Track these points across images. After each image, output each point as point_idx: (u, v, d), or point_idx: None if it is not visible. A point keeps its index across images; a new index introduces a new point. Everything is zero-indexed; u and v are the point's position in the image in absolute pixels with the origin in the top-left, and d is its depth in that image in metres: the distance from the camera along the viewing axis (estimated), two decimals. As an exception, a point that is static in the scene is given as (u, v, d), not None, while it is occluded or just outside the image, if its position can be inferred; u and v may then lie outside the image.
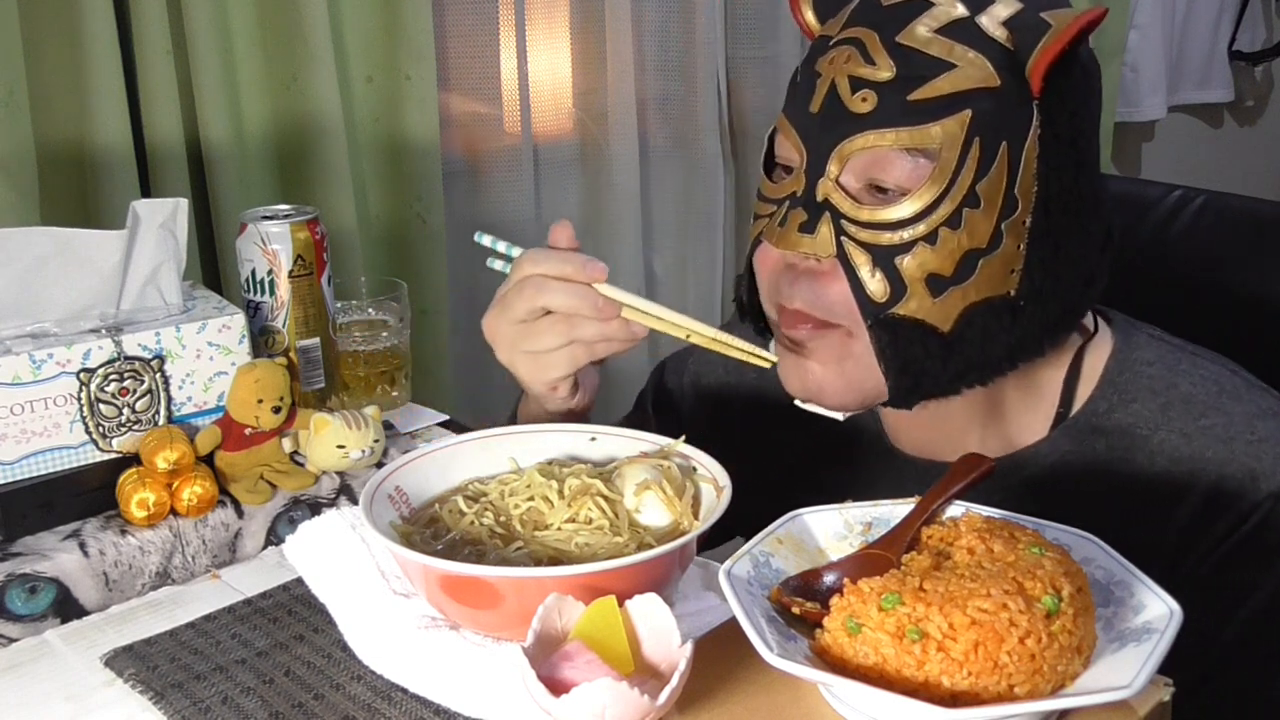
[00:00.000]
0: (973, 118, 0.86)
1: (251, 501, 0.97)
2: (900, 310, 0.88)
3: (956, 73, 0.86)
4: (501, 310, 0.94)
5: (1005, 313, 0.89)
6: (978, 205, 0.86)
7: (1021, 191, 0.87)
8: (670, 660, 0.66)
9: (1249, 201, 1.28)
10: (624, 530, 0.80)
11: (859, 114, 0.87)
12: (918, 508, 0.76)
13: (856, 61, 0.88)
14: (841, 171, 0.88)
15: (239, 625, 0.85)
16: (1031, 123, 0.86)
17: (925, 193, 0.86)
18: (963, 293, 0.87)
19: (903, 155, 0.86)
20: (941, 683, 0.61)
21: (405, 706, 0.75)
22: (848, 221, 0.88)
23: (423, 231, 1.71)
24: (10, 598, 0.86)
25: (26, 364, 0.92)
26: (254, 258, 1.07)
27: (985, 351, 0.90)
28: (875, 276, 0.87)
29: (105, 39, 1.40)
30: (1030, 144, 0.86)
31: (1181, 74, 2.84)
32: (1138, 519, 0.91)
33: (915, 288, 0.87)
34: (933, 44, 0.86)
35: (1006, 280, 0.88)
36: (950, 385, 0.91)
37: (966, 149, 0.86)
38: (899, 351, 0.89)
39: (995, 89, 0.86)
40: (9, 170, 1.35)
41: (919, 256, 0.87)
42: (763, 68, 2.09)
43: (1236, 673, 0.91)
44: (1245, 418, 0.92)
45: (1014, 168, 0.86)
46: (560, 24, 1.97)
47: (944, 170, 0.86)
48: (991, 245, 0.87)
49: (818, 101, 0.90)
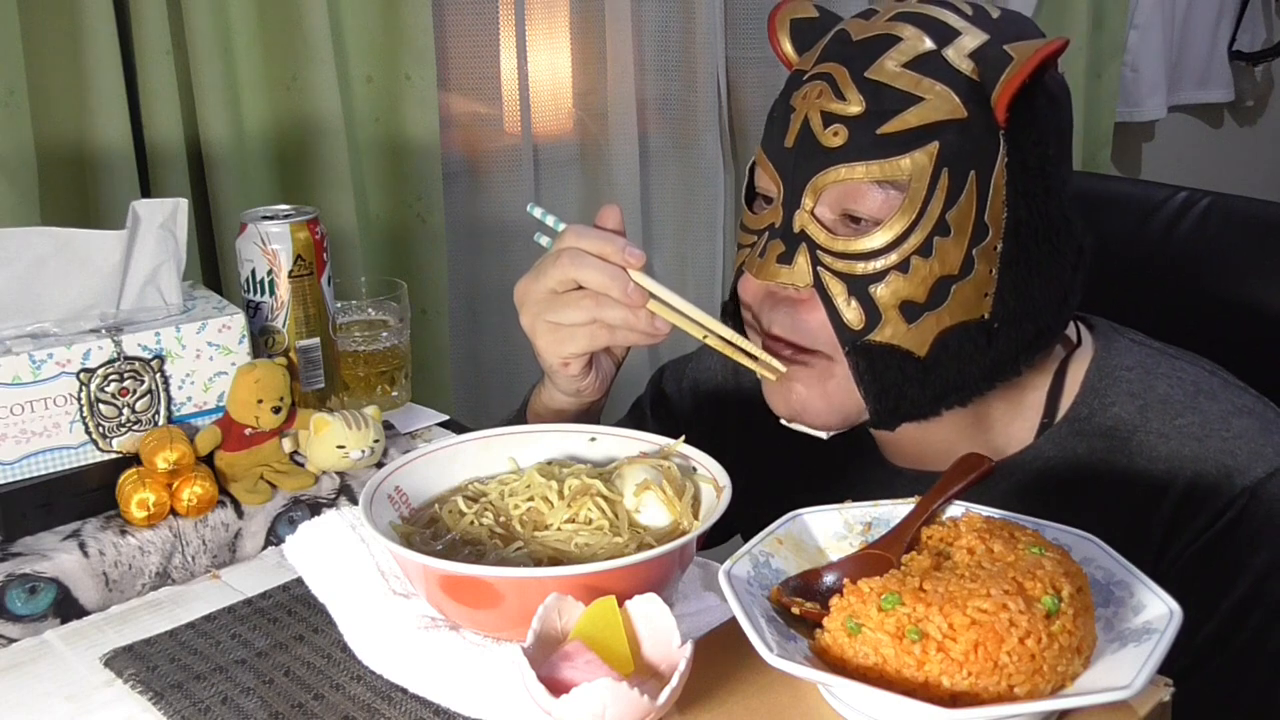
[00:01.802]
0: (940, 149, 0.88)
1: (251, 502, 0.97)
2: (876, 337, 0.91)
3: (924, 105, 0.89)
4: (535, 276, 0.95)
5: (980, 335, 0.91)
6: (948, 233, 0.89)
7: (991, 218, 0.90)
8: (670, 660, 0.66)
9: (1255, 204, 1.28)
10: (624, 530, 0.80)
11: (830, 148, 0.90)
12: (917, 508, 0.76)
13: (828, 97, 0.91)
14: (816, 204, 0.91)
15: (239, 625, 0.85)
16: (999, 152, 0.89)
17: (896, 223, 0.89)
18: (937, 318, 0.90)
19: (874, 187, 0.90)
20: (941, 683, 0.61)
21: (405, 707, 0.75)
22: (823, 252, 0.91)
23: (423, 231, 1.71)
24: (10, 598, 0.86)
25: (26, 364, 0.91)
26: (254, 258, 1.07)
27: (962, 373, 0.92)
28: (851, 305, 0.91)
29: (105, 39, 1.40)
30: (998, 172, 0.89)
31: (1181, 74, 2.84)
32: (1122, 519, 0.93)
33: (890, 314, 0.90)
34: (901, 78, 0.89)
35: (980, 304, 0.91)
36: (930, 407, 0.94)
37: (936, 179, 0.89)
38: (876, 377, 0.92)
39: (962, 120, 0.89)
40: (9, 170, 1.35)
41: (892, 285, 0.90)
42: (763, 68, 2.09)
43: (1217, 666, 0.91)
44: (1221, 415, 0.94)
45: (983, 196, 0.89)
46: (560, 24, 1.97)
47: (914, 201, 0.89)
48: (963, 271, 0.90)
49: (791, 136, 0.93)
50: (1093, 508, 0.94)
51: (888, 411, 0.94)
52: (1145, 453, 0.94)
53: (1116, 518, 0.92)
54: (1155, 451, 0.93)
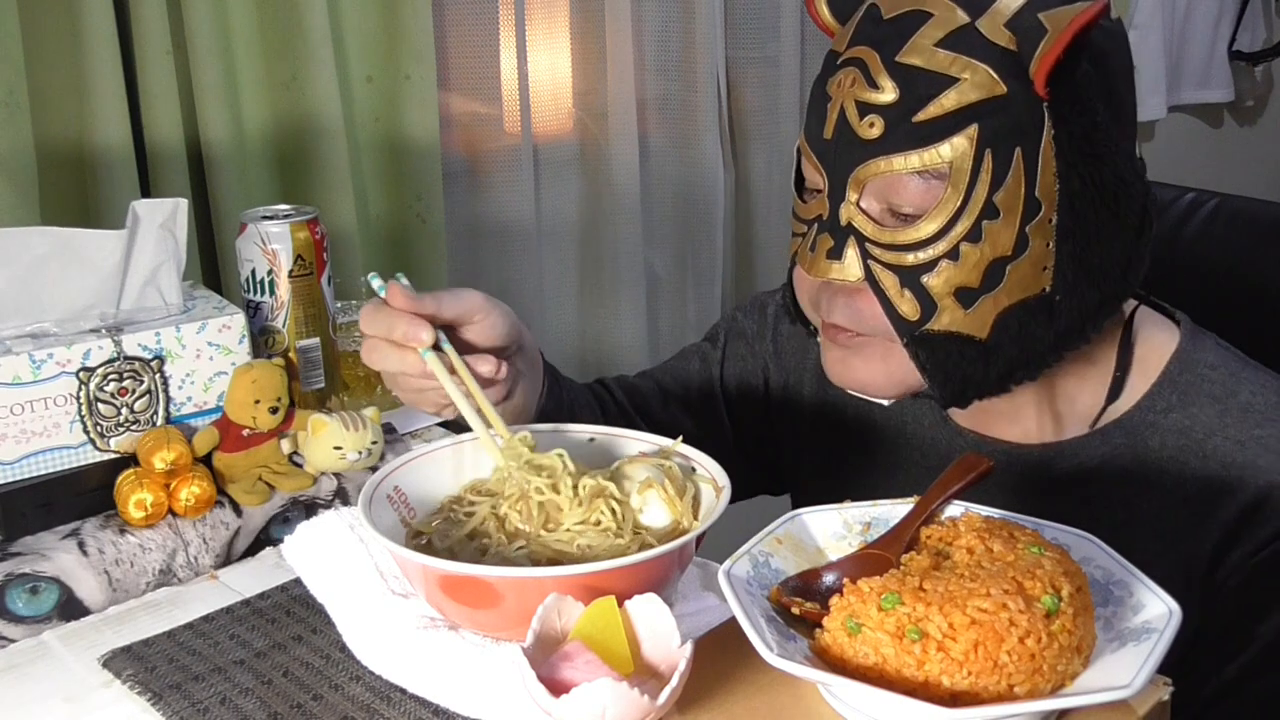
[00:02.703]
0: (981, 130, 0.86)
1: (249, 502, 0.96)
2: (934, 326, 0.89)
3: (960, 87, 0.86)
4: None
5: (1042, 310, 0.89)
6: (996, 216, 0.87)
7: (1043, 193, 0.87)
8: (670, 660, 0.66)
9: (1262, 205, 1.28)
10: (626, 532, 0.80)
11: (868, 140, 0.88)
12: (917, 507, 0.76)
13: (861, 85, 0.88)
14: (860, 196, 0.90)
15: (237, 626, 0.85)
16: (1044, 125, 0.86)
17: (940, 212, 0.87)
18: (994, 300, 0.88)
19: (914, 178, 0.87)
20: (941, 682, 0.61)
21: (404, 707, 0.75)
22: (872, 244, 0.89)
23: (423, 231, 1.71)
24: (11, 598, 0.86)
25: (26, 364, 0.91)
26: (254, 258, 1.06)
27: (1026, 350, 0.90)
28: (905, 296, 0.89)
29: (105, 39, 1.39)
30: (1045, 145, 0.86)
31: (1181, 74, 2.84)
32: (1182, 517, 0.93)
33: (945, 303, 0.88)
34: (934, 59, 0.86)
35: (1039, 279, 0.89)
36: (998, 385, 0.93)
37: (979, 163, 0.86)
38: (939, 364, 0.90)
39: (1002, 97, 0.86)
40: (9, 170, 1.35)
41: (944, 274, 0.88)
42: (763, 68, 2.09)
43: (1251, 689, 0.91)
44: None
45: (1031, 172, 0.86)
46: (560, 24, 1.96)
47: (957, 188, 0.86)
48: (1017, 250, 0.87)
49: (830, 128, 0.91)
50: (1154, 502, 0.94)
51: (955, 394, 0.92)
52: (1220, 457, 0.92)
53: (1176, 514, 0.92)
54: (1230, 457, 0.92)
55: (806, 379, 1.15)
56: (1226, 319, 1.04)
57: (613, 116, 1.96)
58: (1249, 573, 0.91)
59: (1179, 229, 1.30)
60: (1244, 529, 0.91)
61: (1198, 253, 1.28)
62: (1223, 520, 0.92)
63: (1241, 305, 1.22)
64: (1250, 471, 0.91)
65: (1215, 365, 0.97)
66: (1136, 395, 0.97)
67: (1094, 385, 0.98)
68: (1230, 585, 0.92)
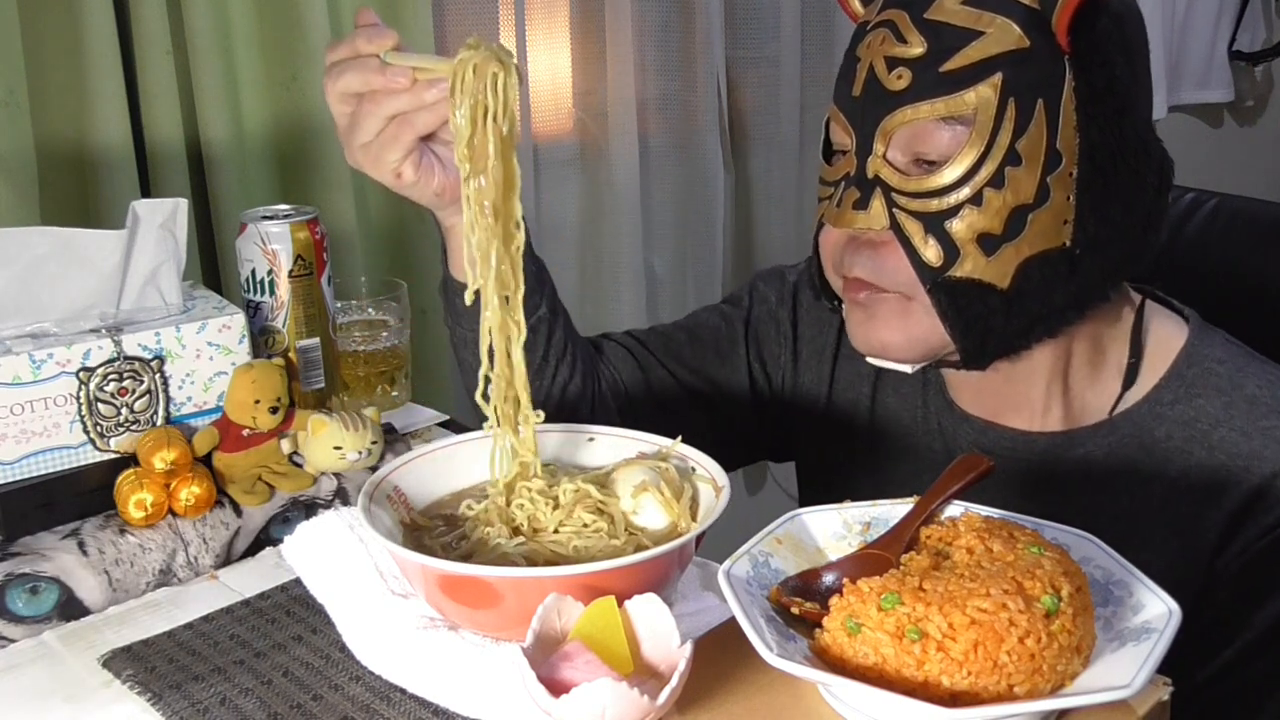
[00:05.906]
0: (1004, 80, 0.88)
1: (249, 502, 0.96)
2: (957, 273, 0.91)
3: (985, 39, 0.89)
4: (335, 115, 0.92)
5: (1063, 264, 0.91)
6: (1019, 163, 0.89)
7: (1064, 145, 0.89)
8: (670, 660, 0.66)
9: (1262, 205, 1.28)
10: (621, 533, 0.80)
11: (896, 91, 0.91)
12: (916, 507, 0.76)
13: (890, 42, 0.92)
14: (887, 148, 0.92)
15: (237, 626, 0.85)
16: (1065, 77, 0.89)
17: (965, 157, 0.89)
18: (1016, 249, 0.90)
19: (940, 125, 0.90)
20: (941, 682, 0.61)
21: (404, 707, 0.75)
22: (897, 194, 0.92)
23: (423, 231, 1.71)
24: (11, 598, 0.86)
25: (26, 364, 0.91)
26: (254, 258, 1.06)
27: (1047, 303, 0.92)
28: (929, 243, 0.91)
29: (105, 39, 1.39)
30: (1067, 98, 0.89)
31: (1181, 74, 2.84)
32: (1189, 509, 0.94)
33: (968, 249, 0.90)
34: (960, 15, 0.90)
35: (1060, 232, 0.90)
36: (1018, 340, 0.94)
37: (1002, 111, 0.89)
38: (960, 312, 0.92)
39: (1025, 49, 0.89)
40: (9, 170, 1.35)
41: (967, 218, 0.90)
42: (763, 68, 2.09)
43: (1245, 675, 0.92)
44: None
45: (1053, 123, 0.89)
46: (560, 24, 1.97)
47: (981, 133, 0.89)
48: (1039, 200, 0.90)
49: (859, 85, 0.94)
50: (1159, 492, 0.95)
51: (975, 347, 0.94)
52: (1225, 447, 0.94)
53: (1182, 503, 0.94)
54: (1236, 448, 0.94)
55: (824, 355, 1.16)
56: (1227, 319, 1.04)
57: (613, 116, 1.96)
58: (1249, 559, 0.92)
59: (1179, 229, 1.30)
60: (1248, 517, 0.92)
61: (1198, 253, 1.29)
62: (1228, 509, 0.93)
63: (1241, 305, 1.22)
64: (1255, 461, 0.93)
65: (1222, 359, 0.98)
66: (1145, 388, 0.99)
67: (1104, 375, 1.00)
68: (1230, 572, 0.93)
